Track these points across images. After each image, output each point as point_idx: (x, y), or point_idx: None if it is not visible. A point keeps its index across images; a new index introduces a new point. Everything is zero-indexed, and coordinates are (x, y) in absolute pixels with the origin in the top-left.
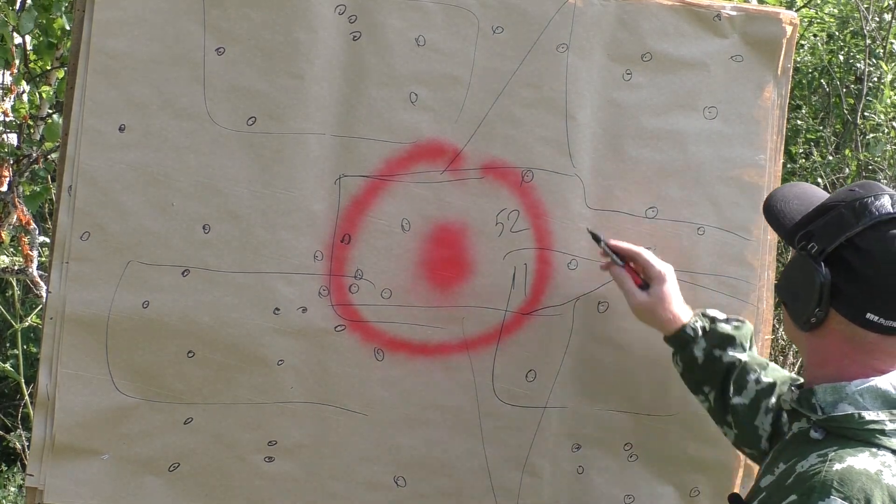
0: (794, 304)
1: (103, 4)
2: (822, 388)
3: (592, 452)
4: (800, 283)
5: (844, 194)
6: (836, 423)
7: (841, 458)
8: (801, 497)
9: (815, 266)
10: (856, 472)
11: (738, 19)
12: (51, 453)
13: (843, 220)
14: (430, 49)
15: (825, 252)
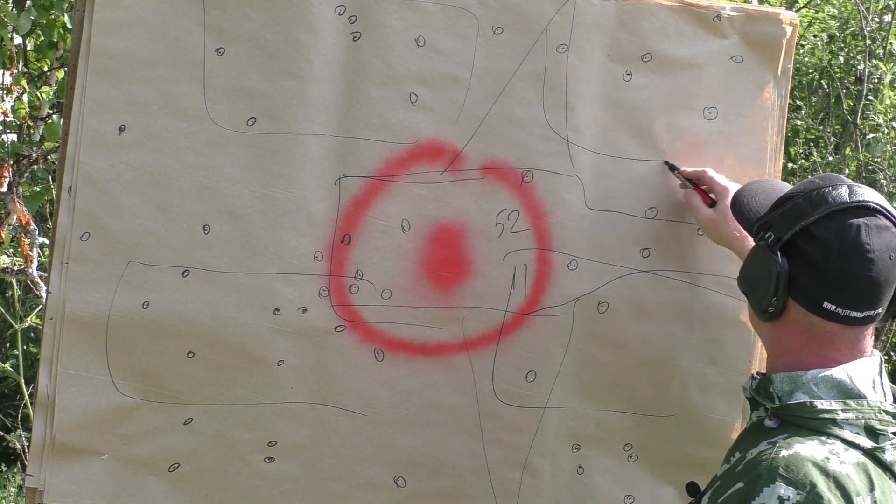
0: (753, 294)
1: (103, 4)
2: (780, 377)
3: (592, 453)
4: (758, 274)
5: (804, 185)
6: (789, 412)
7: (789, 445)
8: (748, 484)
9: (771, 256)
10: (802, 458)
11: (738, 20)
12: (51, 454)
13: (799, 210)
14: (430, 49)
15: (781, 241)
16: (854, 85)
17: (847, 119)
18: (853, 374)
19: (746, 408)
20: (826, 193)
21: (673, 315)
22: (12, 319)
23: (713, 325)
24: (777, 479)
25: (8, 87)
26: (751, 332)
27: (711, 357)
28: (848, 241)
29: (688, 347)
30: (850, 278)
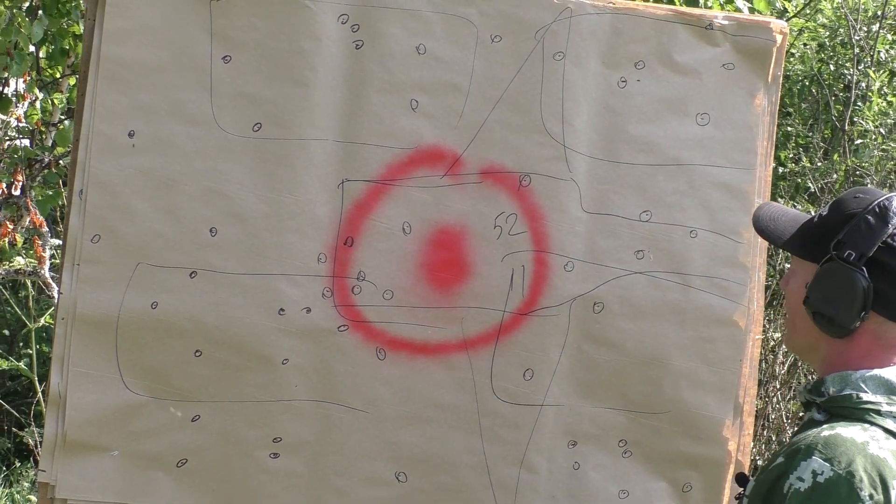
0: (836, 312)
1: (113, 13)
2: (832, 377)
3: (588, 449)
4: (840, 291)
5: (853, 202)
6: (835, 404)
7: (832, 428)
8: (787, 459)
9: (856, 272)
10: (842, 438)
11: (730, 28)
12: (62, 450)
13: (871, 225)
14: (431, 57)
15: (864, 257)
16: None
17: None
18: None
19: (737, 404)
20: (888, 204)
21: (666, 315)
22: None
23: (705, 324)
24: (814, 455)
25: (21, 94)
26: (742, 331)
27: (703, 356)
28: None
29: (680, 346)
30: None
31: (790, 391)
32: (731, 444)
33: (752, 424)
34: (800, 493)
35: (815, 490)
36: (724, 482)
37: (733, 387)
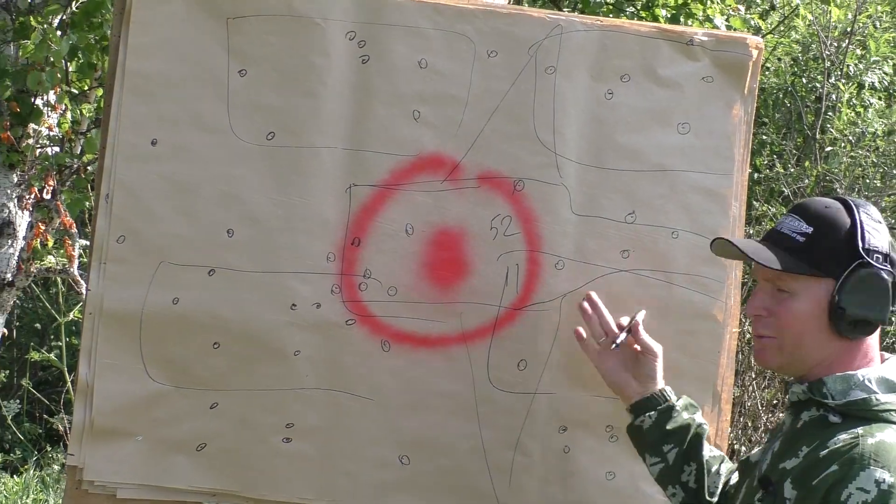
0: (867, 314)
1: (137, 30)
2: (832, 379)
3: (577, 434)
4: (877, 293)
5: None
6: (855, 407)
7: (872, 434)
8: (843, 467)
9: (885, 271)
10: (888, 444)
11: (709, 44)
12: (90, 435)
13: (875, 227)
14: (432, 71)
15: (888, 256)
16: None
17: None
18: (893, 370)
19: (716, 393)
20: (868, 210)
21: (650, 310)
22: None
23: (686, 318)
24: (871, 465)
25: (52, 105)
26: (720, 324)
27: (684, 347)
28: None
29: (663, 338)
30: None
31: (765, 381)
32: (710, 429)
33: (730, 411)
34: (868, 502)
35: (883, 496)
36: None
37: (712, 376)
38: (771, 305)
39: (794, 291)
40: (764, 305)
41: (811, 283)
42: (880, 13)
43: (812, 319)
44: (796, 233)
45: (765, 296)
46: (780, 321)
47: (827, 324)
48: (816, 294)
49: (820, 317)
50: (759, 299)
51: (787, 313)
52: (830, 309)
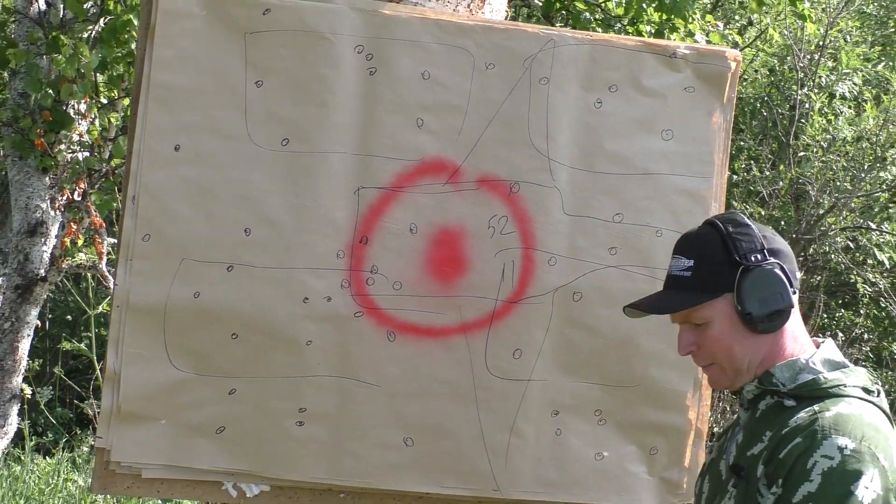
0: (774, 305)
1: (161, 44)
2: (778, 368)
3: (569, 418)
4: (769, 285)
5: (706, 232)
6: (806, 389)
7: (828, 409)
8: (806, 439)
9: (768, 263)
10: (844, 416)
11: (691, 57)
12: (117, 419)
13: (742, 231)
14: (434, 82)
15: (764, 250)
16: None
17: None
18: (833, 352)
19: (697, 380)
20: (729, 216)
21: None
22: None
23: None
24: (832, 434)
25: (83, 114)
26: None
27: (668, 338)
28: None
29: (648, 330)
30: (794, 260)
31: None
32: (692, 413)
33: (710, 396)
34: (833, 467)
35: (846, 460)
36: (685, 446)
37: (693, 365)
38: (695, 340)
39: (707, 319)
40: (689, 342)
41: (715, 306)
42: (851, 28)
43: (733, 334)
44: (682, 270)
45: (687, 334)
46: (709, 349)
47: (745, 329)
48: (724, 312)
49: (737, 328)
50: (683, 339)
51: (711, 341)
52: (741, 317)
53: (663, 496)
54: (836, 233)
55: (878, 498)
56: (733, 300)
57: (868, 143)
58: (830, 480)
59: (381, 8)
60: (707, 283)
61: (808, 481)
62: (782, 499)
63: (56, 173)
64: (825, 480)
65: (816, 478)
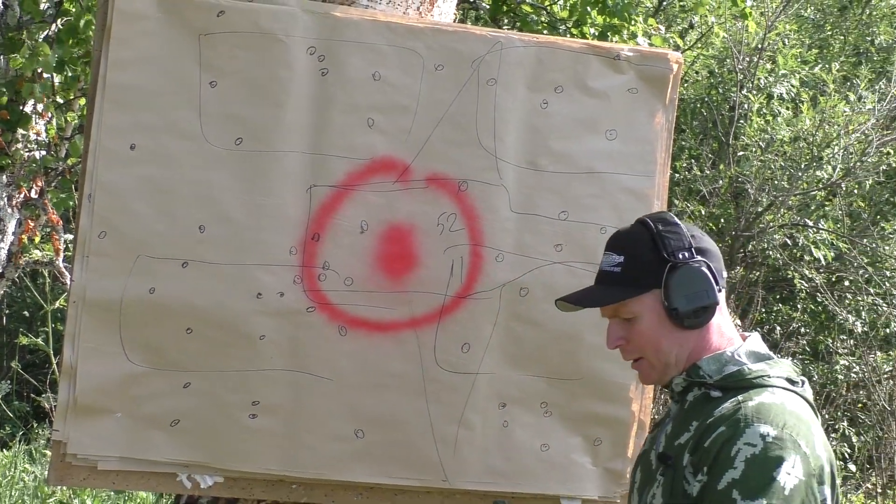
0: (700, 302)
1: (116, 45)
2: (705, 361)
3: (515, 410)
4: (696, 282)
5: (637, 232)
6: (731, 380)
7: (751, 398)
8: (730, 427)
9: (695, 260)
10: (766, 405)
11: (634, 59)
12: (73, 412)
13: (670, 229)
14: (385, 83)
15: (692, 248)
16: (728, 112)
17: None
18: (759, 344)
19: None
20: (658, 216)
21: None
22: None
23: None
24: (754, 422)
25: (40, 113)
26: None
27: None
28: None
29: (592, 324)
30: (722, 259)
31: None
32: (635, 405)
33: (652, 389)
34: (756, 454)
35: (768, 447)
36: (628, 437)
37: None
38: (623, 334)
39: (635, 314)
40: (618, 336)
41: (643, 301)
42: (788, 31)
43: (660, 328)
44: (612, 266)
45: (615, 328)
46: (637, 343)
47: (672, 325)
48: (651, 307)
49: (664, 323)
50: (612, 333)
51: (638, 335)
52: (668, 313)
53: (607, 486)
54: (774, 230)
55: (800, 483)
56: (661, 296)
57: (805, 143)
58: (753, 467)
59: (332, 10)
60: (636, 278)
61: (731, 468)
62: (708, 486)
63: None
64: (748, 467)
65: (740, 465)
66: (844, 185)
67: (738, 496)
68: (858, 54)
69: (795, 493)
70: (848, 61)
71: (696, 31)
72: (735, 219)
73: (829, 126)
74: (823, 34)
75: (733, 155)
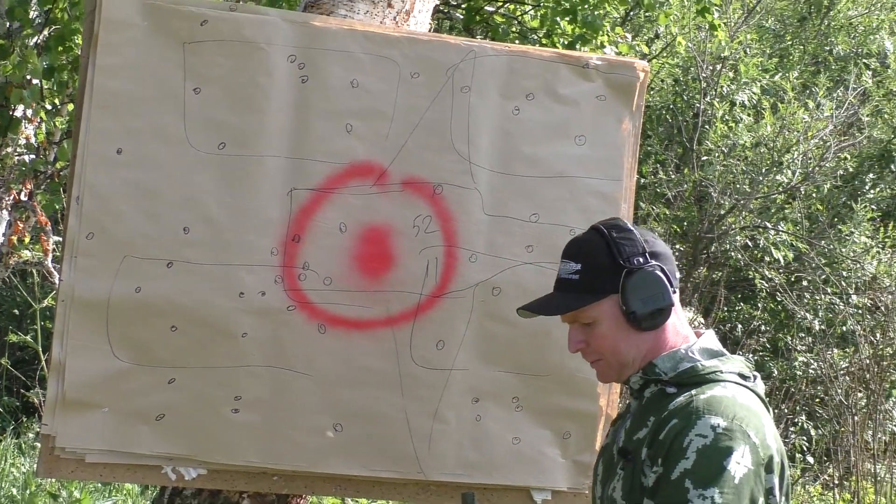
0: (656, 304)
1: (103, 52)
2: (660, 359)
3: (488, 404)
4: (651, 286)
5: (593, 240)
6: (685, 376)
7: (703, 392)
8: (682, 420)
9: (649, 265)
10: (717, 398)
11: (603, 67)
12: (62, 407)
13: (624, 235)
14: (362, 90)
15: (646, 252)
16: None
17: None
18: (712, 341)
19: None
20: (612, 223)
21: None
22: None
23: None
24: (705, 415)
25: (29, 118)
26: None
27: None
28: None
29: (561, 323)
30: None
31: None
32: (602, 400)
33: (619, 384)
34: (707, 444)
35: (718, 438)
36: (596, 431)
37: None
38: (584, 338)
39: (594, 319)
40: (578, 340)
41: (602, 306)
42: (750, 41)
43: (618, 331)
44: (570, 273)
45: (576, 333)
46: (596, 346)
47: (629, 327)
48: (610, 311)
49: (622, 326)
50: (573, 336)
51: (598, 338)
52: (625, 317)
53: (575, 477)
54: (736, 232)
55: (749, 472)
56: (618, 300)
57: (766, 148)
58: (704, 457)
59: (312, 20)
60: (593, 285)
61: (684, 458)
62: (662, 477)
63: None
64: (700, 457)
65: (692, 455)
66: (803, 188)
67: (690, 485)
68: (817, 63)
69: (745, 481)
70: (807, 70)
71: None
72: (699, 221)
73: (789, 132)
74: (783, 44)
75: (697, 160)
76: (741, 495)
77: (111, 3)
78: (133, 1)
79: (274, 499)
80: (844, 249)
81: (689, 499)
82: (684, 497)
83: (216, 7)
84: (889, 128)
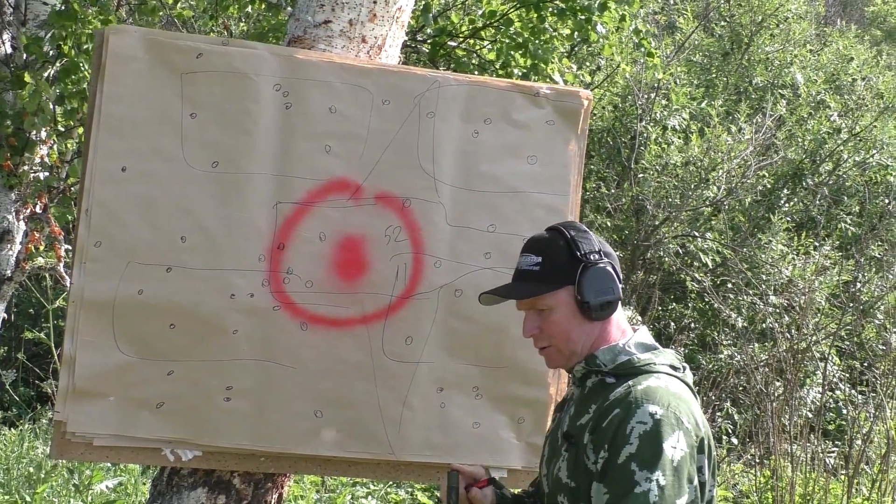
0: (608, 297)
1: (110, 81)
2: (601, 351)
3: (451, 393)
4: (604, 280)
5: (554, 238)
6: (623, 368)
7: (640, 383)
8: (623, 409)
9: (603, 262)
10: (652, 388)
11: (552, 96)
12: (72, 396)
13: (582, 236)
14: (340, 115)
15: (601, 251)
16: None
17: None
18: (646, 336)
19: None
20: (569, 224)
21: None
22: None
23: None
24: (644, 403)
25: (44, 140)
26: None
27: None
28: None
29: (517, 319)
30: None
31: None
32: (552, 388)
33: (567, 374)
34: (647, 430)
35: (657, 424)
36: (547, 416)
37: None
38: (539, 324)
39: (550, 306)
40: (533, 326)
41: (558, 296)
42: (680, 73)
43: (571, 319)
44: (531, 265)
45: (532, 319)
46: (549, 332)
47: (581, 316)
48: (565, 301)
49: (575, 314)
50: (528, 322)
51: (552, 325)
52: (579, 306)
53: (528, 458)
54: (669, 240)
55: (685, 455)
56: (574, 291)
57: (694, 167)
58: (646, 441)
59: (295, 53)
60: (553, 276)
61: (628, 444)
62: (609, 462)
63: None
64: (642, 441)
65: (635, 440)
66: (727, 202)
67: (636, 467)
68: (739, 93)
69: (682, 463)
70: (730, 99)
71: (602, 72)
72: (636, 231)
73: (714, 153)
74: (709, 76)
75: (634, 177)
76: (681, 477)
77: (117, 38)
78: (137, 37)
79: (262, 477)
80: (764, 256)
81: (636, 480)
82: (631, 478)
83: (210, 42)
84: (801, 149)
